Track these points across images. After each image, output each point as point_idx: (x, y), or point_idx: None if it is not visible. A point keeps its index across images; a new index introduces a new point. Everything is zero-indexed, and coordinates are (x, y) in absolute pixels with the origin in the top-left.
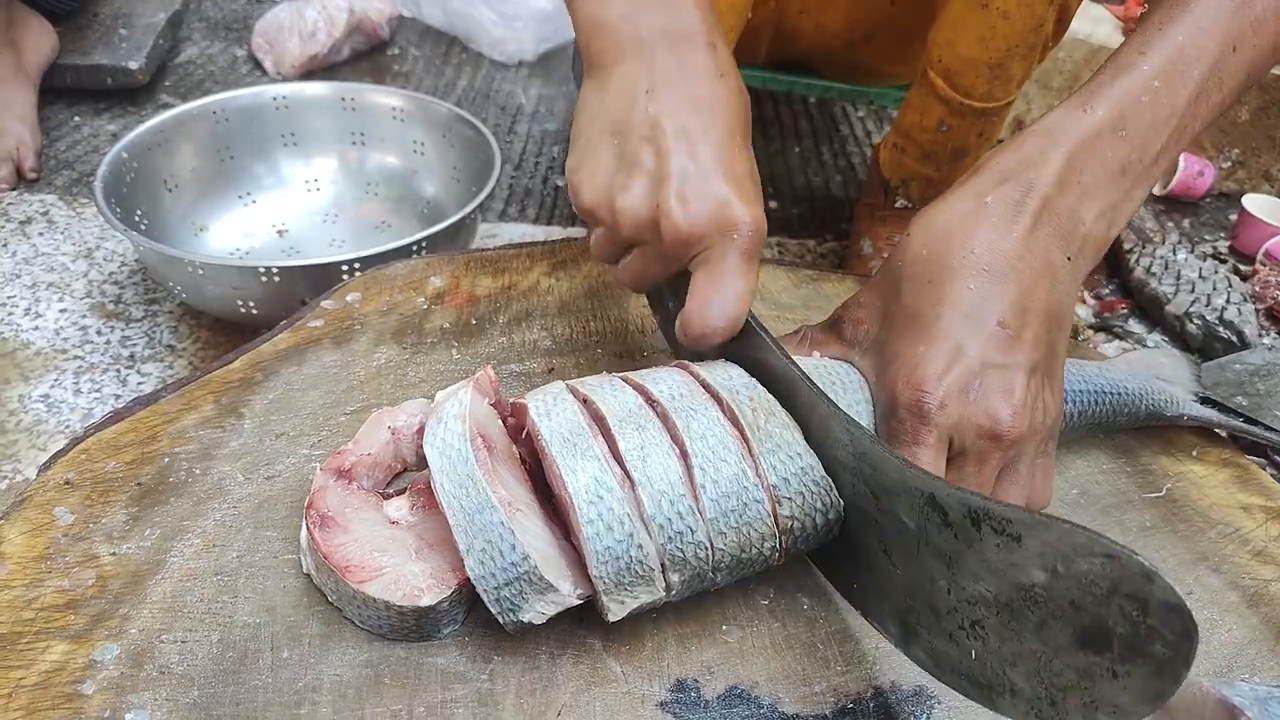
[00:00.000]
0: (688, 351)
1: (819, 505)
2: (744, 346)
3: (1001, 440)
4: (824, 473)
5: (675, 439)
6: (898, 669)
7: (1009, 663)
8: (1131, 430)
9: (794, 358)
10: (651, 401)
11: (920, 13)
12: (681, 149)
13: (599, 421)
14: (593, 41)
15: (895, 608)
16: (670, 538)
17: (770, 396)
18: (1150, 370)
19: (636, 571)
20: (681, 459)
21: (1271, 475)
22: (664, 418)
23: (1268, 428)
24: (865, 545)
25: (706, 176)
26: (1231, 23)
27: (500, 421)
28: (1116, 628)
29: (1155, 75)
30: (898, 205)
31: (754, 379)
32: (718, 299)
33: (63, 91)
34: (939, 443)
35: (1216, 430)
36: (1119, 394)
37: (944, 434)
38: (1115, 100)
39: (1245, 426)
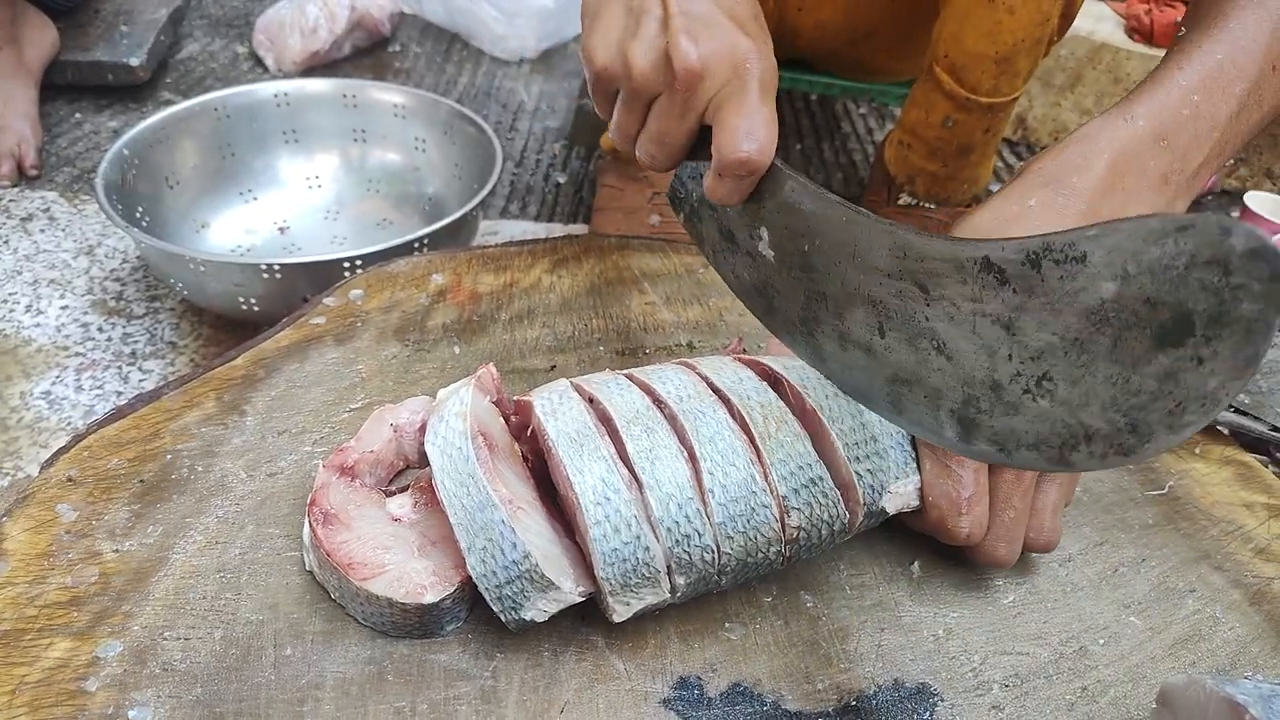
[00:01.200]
0: (719, 237)
1: (826, 517)
2: (777, 195)
3: None
4: (833, 485)
5: (684, 441)
6: (900, 667)
7: (1081, 405)
8: None
9: (833, 195)
10: (659, 402)
11: (920, 9)
12: None
13: (606, 422)
14: None
15: (953, 406)
16: (677, 541)
17: (782, 404)
18: None
19: (643, 573)
20: (690, 462)
21: (1274, 472)
22: (672, 419)
23: (1262, 420)
24: (916, 353)
25: (712, 15)
26: (1271, 42)
27: (502, 419)
28: (1198, 305)
29: (1195, 90)
30: (901, 202)
31: (764, 383)
32: (744, 127)
33: (64, 88)
34: (984, 466)
35: (1218, 428)
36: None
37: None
38: (1156, 112)
39: (1239, 420)
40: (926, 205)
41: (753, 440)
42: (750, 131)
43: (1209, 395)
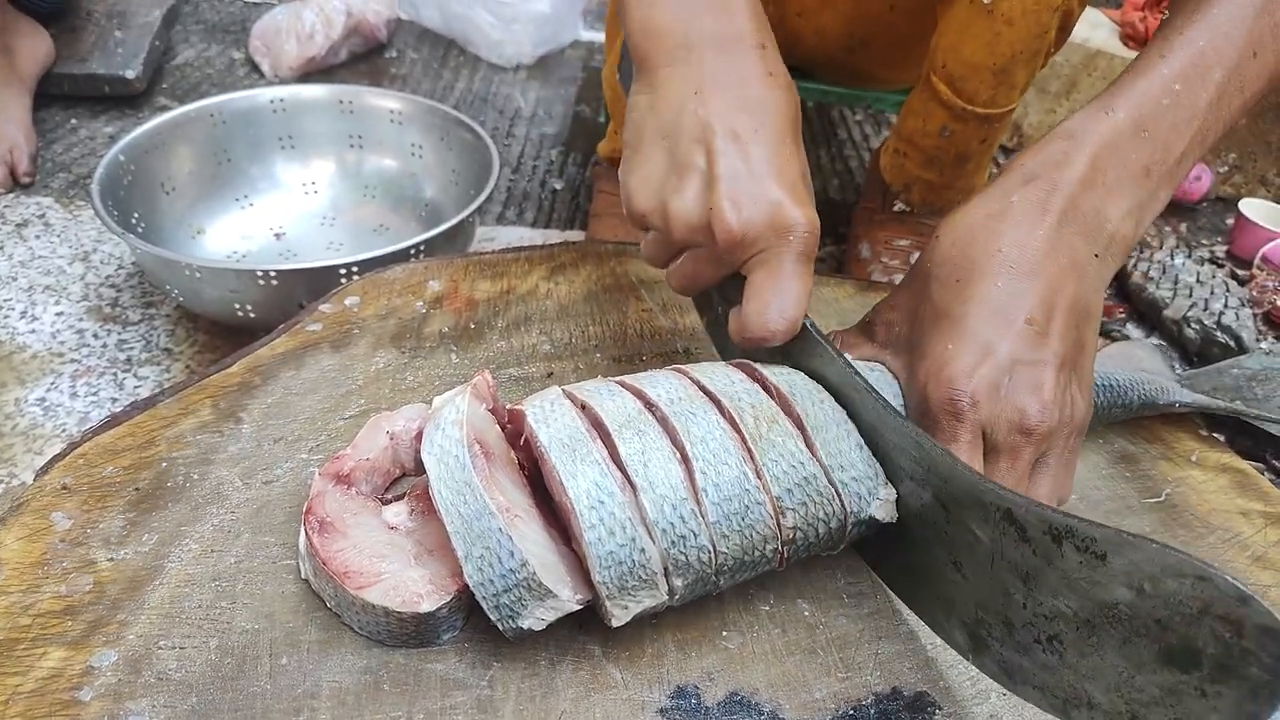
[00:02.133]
0: (739, 352)
1: (822, 515)
2: (802, 353)
3: (1032, 434)
4: (828, 482)
5: (675, 443)
6: (899, 675)
7: (1087, 677)
8: (1131, 435)
9: (851, 363)
10: (650, 406)
11: (919, 18)
12: (732, 150)
13: (598, 427)
14: (643, 44)
15: (964, 619)
16: (673, 542)
17: (772, 403)
18: (1130, 362)
19: (639, 575)
20: (682, 463)
21: (1270, 480)
22: (663, 422)
23: (1254, 414)
24: (932, 557)
25: (758, 178)
26: (1253, 27)
27: (498, 427)
28: (1207, 648)
29: (1175, 78)
30: (896, 209)
31: (756, 384)
32: (776, 301)
33: (60, 94)
34: (974, 439)
35: (1215, 436)
36: (1111, 387)
37: (977, 430)
38: (1136, 102)
39: (1234, 407)
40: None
41: (744, 440)
42: (781, 308)
43: None
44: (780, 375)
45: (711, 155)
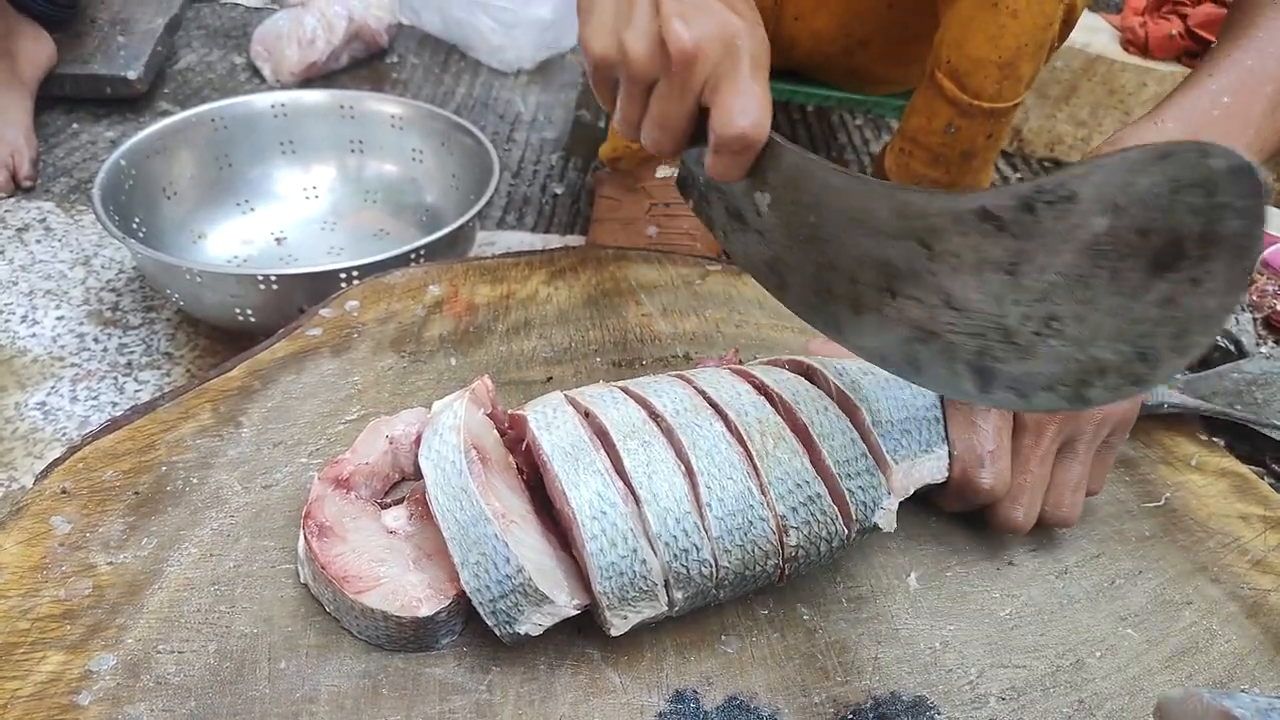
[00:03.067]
0: (726, 218)
1: (825, 534)
2: (778, 169)
3: (1055, 417)
4: (831, 501)
5: (680, 455)
6: (897, 680)
7: (1089, 342)
8: (1130, 440)
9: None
10: (655, 416)
11: (917, 16)
12: None
13: (601, 436)
14: None
15: (967, 357)
16: (676, 555)
17: (778, 419)
18: None
19: (640, 586)
20: (687, 476)
21: (1270, 484)
22: (668, 433)
23: (1244, 416)
24: (927, 312)
25: None
26: None
27: (496, 432)
28: (1187, 229)
29: (1224, 92)
30: None
31: (762, 397)
32: (738, 104)
33: (61, 98)
34: (1002, 416)
35: (1215, 441)
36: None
37: (1007, 413)
38: (1185, 114)
39: (1224, 410)
40: None
41: (750, 455)
42: (744, 108)
43: (1209, 314)
44: (784, 383)
45: None
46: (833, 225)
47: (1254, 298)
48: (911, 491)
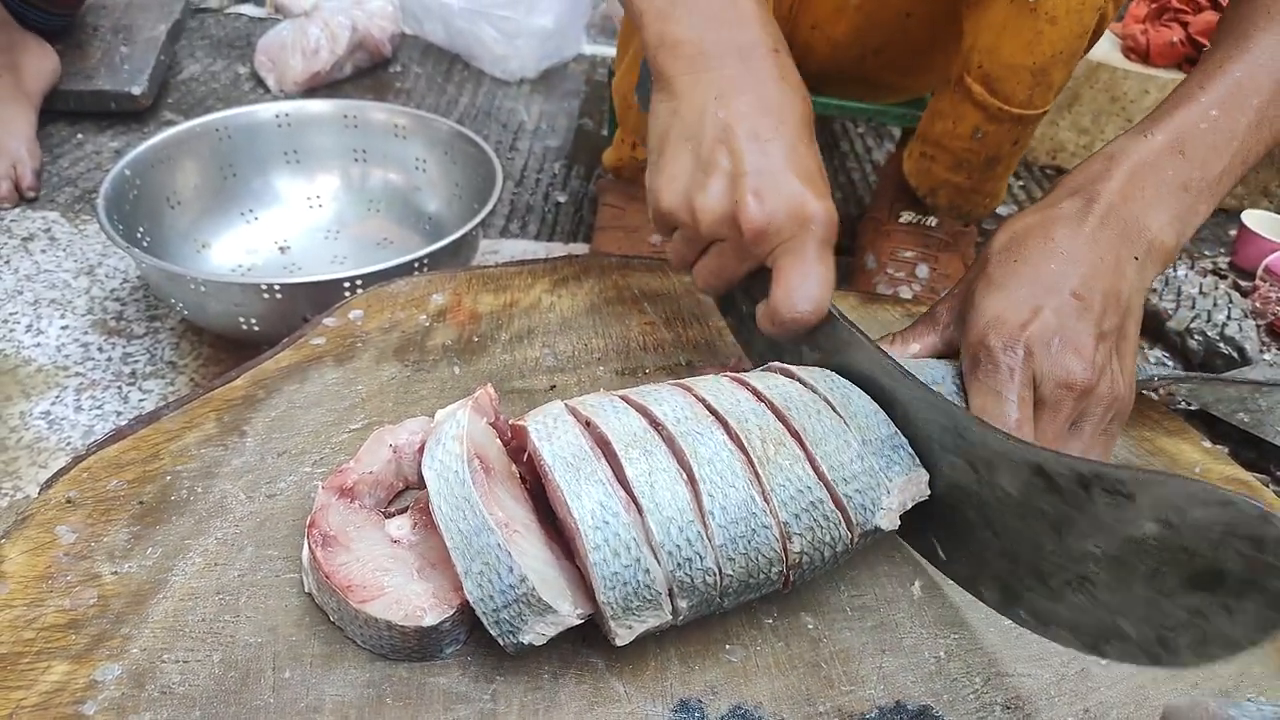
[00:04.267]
0: (766, 349)
1: (828, 539)
2: (831, 341)
3: (1074, 389)
4: (834, 507)
5: (682, 464)
6: (902, 689)
7: (1118, 612)
8: (1134, 447)
9: (880, 347)
10: (656, 425)
11: (935, 24)
12: (754, 149)
13: (603, 445)
14: (661, 56)
15: (996, 574)
16: (679, 564)
17: (780, 425)
18: None
19: (644, 596)
20: (689, 484)
21: (1275, 492)
22: (670, 442)
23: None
24: (962, 519)
25: (779, 172)
26: None
27: (499, 441)
28: (1231, 567)
29: (1213, 105)
30: (902, 220)
31: (762, 404)
32: (802, 286)
33: (66, 110)
34: (1025, 387)
35: (1219, 448)
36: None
37: (1028, 379)
38: (1174, 126)
39: (1206, 375)
40: (928, 223)
41: (751, 463)
42: (807, 293)
43: (1233, 640)
44: (776, 389)
45: (734, 153)
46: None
47: (1257, 304)
48: (906, 508)
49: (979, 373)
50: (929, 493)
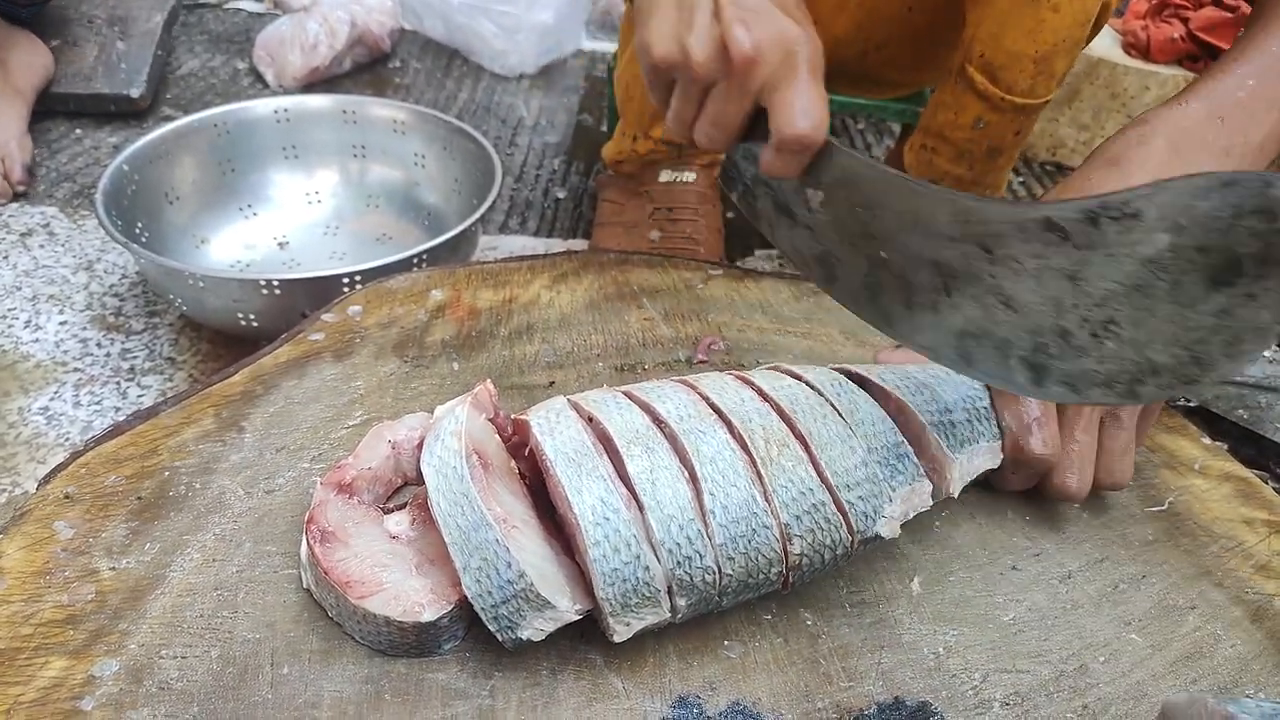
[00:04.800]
0: (774, 213)
1: (829, 542)
2: (832, 169)
3: None
4: (836, 510)
5: (684, 462)
6: (901, 685)
7: (1145, 344)
8: None
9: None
10: (659, 422)
11: (935, 18)
12: None
13: (605, 441)
14: None
15: (1023, 354)
16: (679, 562)
17: (784, 426)
18: None
19: (643, 593)
20: (691, 483)
21: (1274, 488)
22: (672, 439)
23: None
24: (984, 309)
25: (760, 5)
26: None
27: (498, 436)
28: (1246, 250)
29: (1250, 75)
30: None
31: (767, 405)
32: (799, 105)
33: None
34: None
35: (1218, 444)
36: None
37: None
38: (1210, 95)
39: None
40: None
41: (754, 463)
42: (805, 110)
43: (1263, 326)
44: (783, 391)
45: None
46: (888, 225)
47: None
48: (971, 478)
49: None
50: (931, 503)
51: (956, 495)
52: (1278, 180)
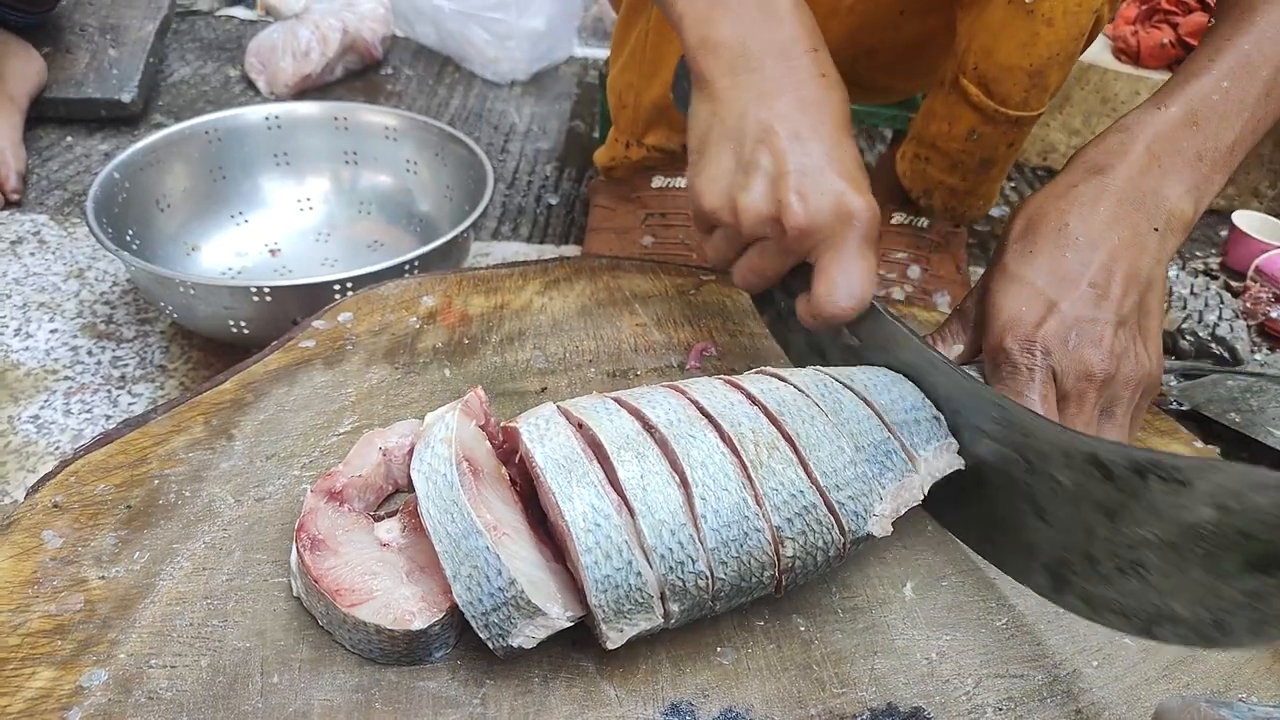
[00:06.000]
0: (805, 345)
1: (821, 544)
2: (873, 332)
3: (1094, 380)
4: (827, 511)
5: (675, 467)
6: (894, 691)
7: (1171, 595)
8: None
9: (926, 340)
10: (649, 427)
11: (927, 24)
12: (796, 148)
13: (595, 448)
14: (701, 59)
15: (1046, 562)
16: (671, 567)
17: (773, 429)
18: None
19: (635, 599)
20: (681, 487)
21: None
22: (662, 444)
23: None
24: (1013, 509)
25: (821, 171)
26: None
27: (488, 443)
28: None
29: (1224, 77)
30: (894, 221)
31: (756, 408)
32: (844, 280)
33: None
34: (1046, 385)
35: (1211, 449)
36: None
37: (1049, 375)
38: (1187, 98)
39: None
40: (919, 224)
41: (745, 466)
42: (850, 289)
43: None
44: (770, 393)
45: (776, 153)
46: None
47: (1248, 305)
48: (937, 478)
49: (1000, 375)
50: (921, 498)
51: (924, 496)
52: None
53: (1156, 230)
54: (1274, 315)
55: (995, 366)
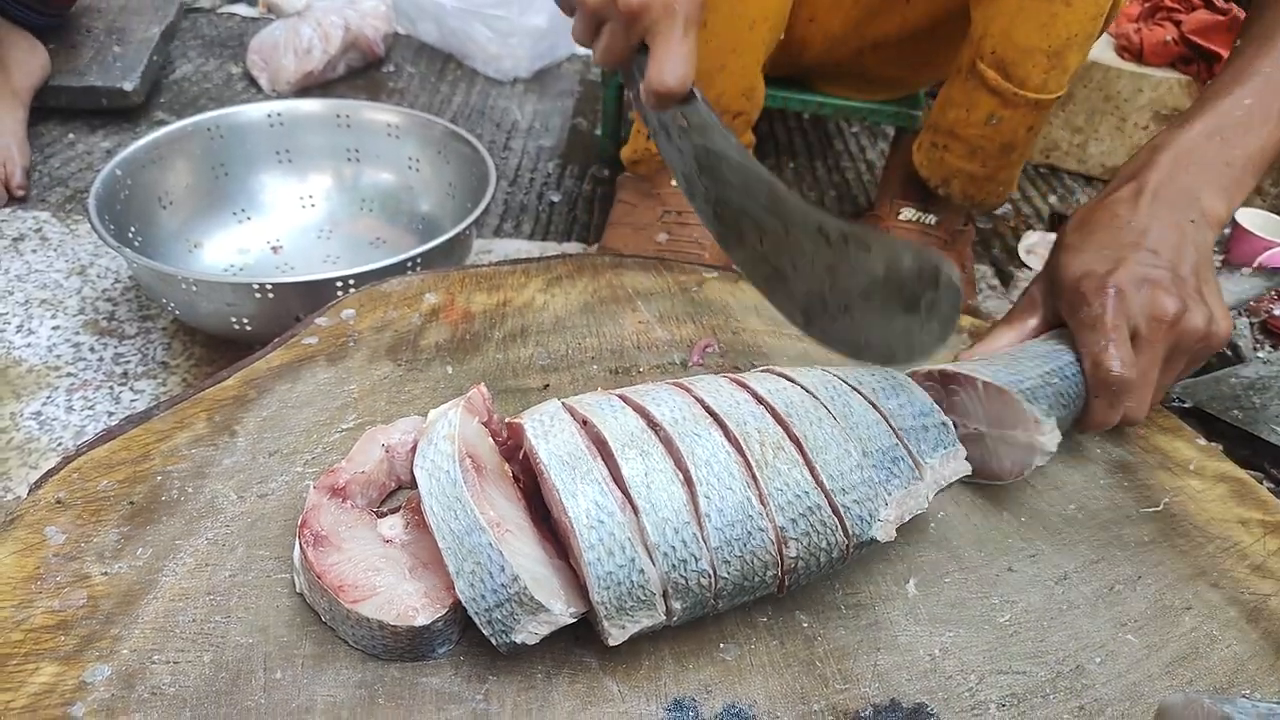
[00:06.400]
0: (655, 121)
1: (824, 545)
2: (696, 117)
3: (1164, 320)
4: (831, 513)
5: (679, 465)
6: (897, 687)
7: (867, 329)
8: (1128, 444)
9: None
10: (654, 425)
11: (933, 14)
12: None
13: (599, 444)
14: None
15: (799, 304)
16: (674, 565)
17: (779, 429)
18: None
19: (638, 596)
20: (685, 485)
21: (1269, 489)
22: (667, 442)
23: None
24: (779, 262)
25: None
26: None
27: (491, 440)
28: (923, 297)
29: (1246, 95)
30: (901, 217)
31: (761, 407)
32: (668, 63)
33: (57, 109)
34: (1123, 325)
35: (1214, 445)
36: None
37: (1123, 317)
38: (1210, 115)
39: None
40: (927, 221)
41: (749, 466)
42: (673, 69)
43: (926, 346)
44: (778, 394)
45: None
46: (724, 179)
47: (1250, 302)
48: (944, 486)
49: (1079, 314)
50: (926, 505)
51: (929, 502)
52: (945, 263)
53: (1193, 222)
54: (1276, 312)
55: (1073, 309)
